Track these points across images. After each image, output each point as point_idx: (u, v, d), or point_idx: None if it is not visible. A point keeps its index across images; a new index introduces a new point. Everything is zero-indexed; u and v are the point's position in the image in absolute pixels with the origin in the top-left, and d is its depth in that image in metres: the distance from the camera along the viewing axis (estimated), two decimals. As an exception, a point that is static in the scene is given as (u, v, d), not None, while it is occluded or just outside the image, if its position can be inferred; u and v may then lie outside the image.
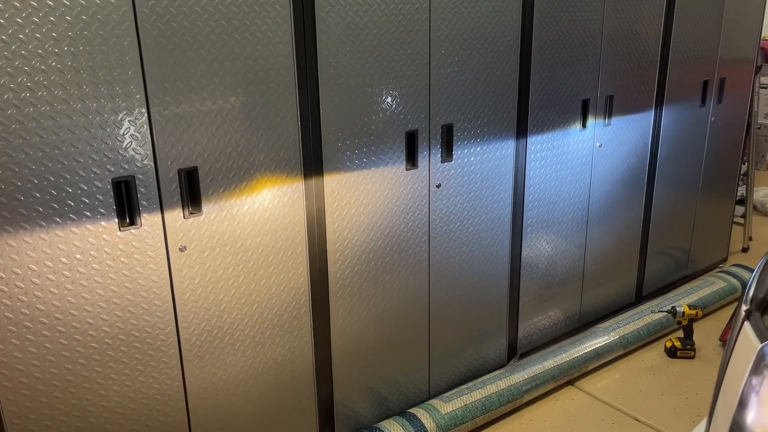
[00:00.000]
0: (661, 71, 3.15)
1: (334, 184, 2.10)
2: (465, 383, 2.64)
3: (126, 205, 1.71)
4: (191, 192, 1.81)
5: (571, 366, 2.80)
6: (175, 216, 1.80)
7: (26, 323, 1.62)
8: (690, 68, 3.29)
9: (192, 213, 1.82)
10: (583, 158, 2.92)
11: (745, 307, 1.43)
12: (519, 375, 2.66)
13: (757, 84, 4.04)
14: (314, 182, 2.06)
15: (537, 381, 2.68)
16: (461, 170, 2.45)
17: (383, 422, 2.38)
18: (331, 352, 2.25)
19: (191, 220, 1.83)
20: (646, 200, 3.33)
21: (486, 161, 2.52)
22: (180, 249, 1.82)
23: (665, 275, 3.62)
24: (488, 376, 2.66)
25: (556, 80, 2.68)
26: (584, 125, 2.87)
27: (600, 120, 2.93)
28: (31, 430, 1.69)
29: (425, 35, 2.20)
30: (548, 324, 3.03)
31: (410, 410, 2.45)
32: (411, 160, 2.29)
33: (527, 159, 2.67)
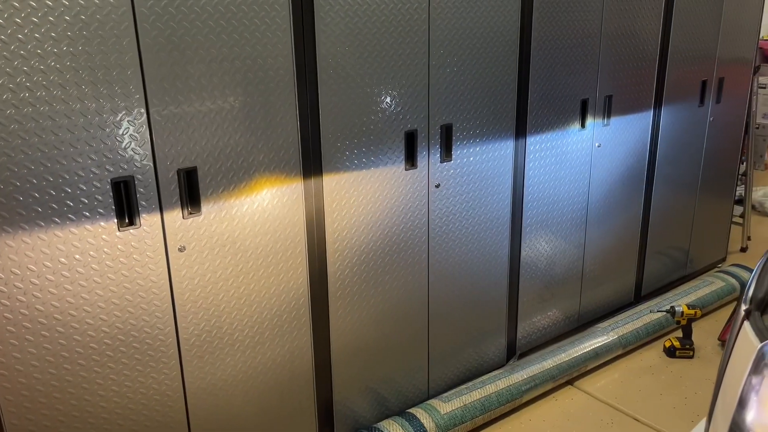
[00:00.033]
0: (660, 71, 3.16)
1: (334, 184, 2.10)
2: (464, 383, 2.64)
3: (125, 206, 1.71)
4: (190, 192, 1.81)
5: (570, 366, 2.80)
6: (175, 216, 1.80)
7: (25, 323, 1.62)
8: (689, 68, 3.30)
9: (191, 213, 1.82)
10: (582, 158, 2.92)
11: (745, 307, 1.43)
12: (518, 375, 2.66)
13: (756, 84, 4.05)
14: (313, 182, 2.06)
15: (536, 381, 2.68)
16: (460, 170, 2.45)
17: (382, 422, 2.38)
18: (331, 353, 2.25)
19: (190, 221, 1.83)
20: (645, 200, 3.33)
21: (485, 161, 2.52)
22: (179, 249, 1.82)
23: (664, 275, 3.62)
24: (487, 376, 2.66)
25: (555, 80, 2.68)
26: (583, 125, 2.87)
27: (599, 120, 2.94)
28: (30, 431, 1.69)
29: (424, 35, 2.20)
30: (547, 324, 3.03)
31: (409, 410, 2.45)
32: (410, 160, 2.29)
33: (526, 159, 2.67)
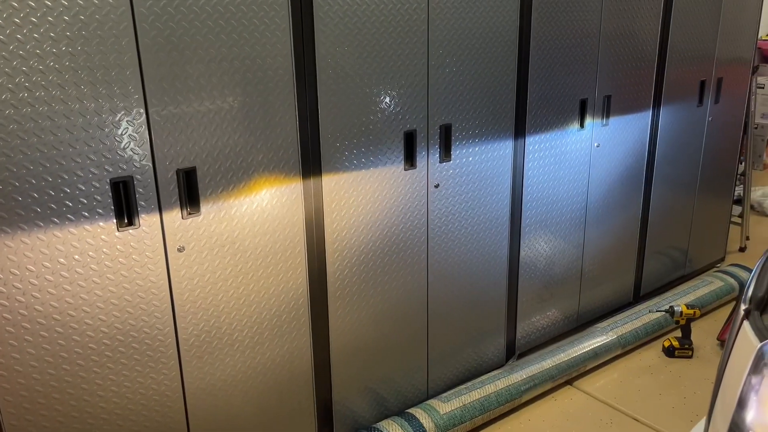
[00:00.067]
0: (659, 71, 3.16)
1: (333, 184, 2.10)
2: (463, 383, 2.64)
3: (124, 206, 1.70)
4: (189, 192, 1.81)
5: (570, 366, 2.80)
6: (174, 216, 1.79)
7: (24, 324, 1.62)
8: (687, 68, 3.30)
9: (190, 213, 1.82)
10: (581, 158, 2.92)
11: (744, 306, 1.43)
12: (517, 375, 2.66)
13: (754, 84, 4.05)
14: (313, 182, 2.06)
15: (535, 381, 2.68)
16: (459, 170, 2.45)
17: (382, 422, 2.38)
18: (330, 353, 2.25)
19: (190, 221, 1.83)
20: (644, 200, 3.34)
21: (484, 161, 2.52)
22: (178, 249, 1.82)
23: (663, 275, 3.63)
24: (487, 376, 2.66)
25: (554, 80, 2.68)
26: (582, 125, 2.87)
27: (598, 120, 2.94)
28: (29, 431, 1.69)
29: (423, 35, 2.20)
30: (546, 324, 3.03)
31: (409, 410, 2.45)
32: (409, 160, 2.29)
33: (525, 159, 2.67)
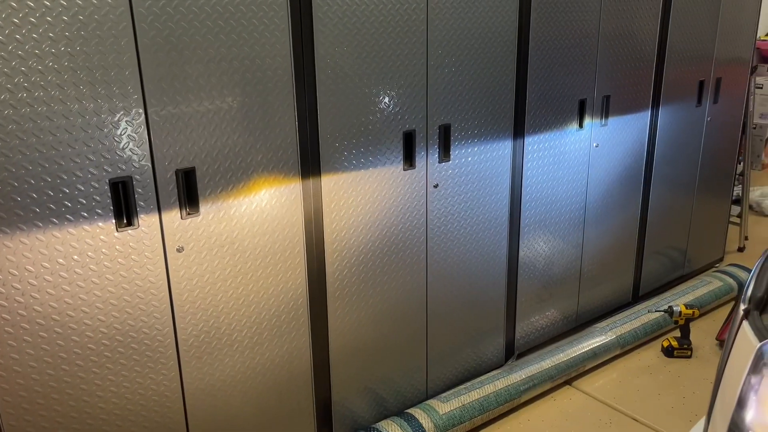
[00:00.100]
0: (658, 71, 3.16)
1: (332, 185, 2.10)
2: (463, 383, 2.64)
3: (123, 206, 1.70)
4: (189, 192, 1.81)
5: (569, 366, 2.80)
6: (173, 216, 1.79)
7: (23, 324, 1.62)
8: (686, 68, 3.30)
9: (189, 213, 1.82)
10: (580, 158, 2.93)
11: (744, 306, 1.44)
12: (516, 375, 2.66)
13: (753, 84, 4.05)
14: (312, 182, 2.05)
15: (534, 381, 2.69)
16: (459, 170, 2.45)
17: (381, 422, 2.38)
18: (329, 353, 2.25)
19: (189, 221, 1.83)
20: (643, 200, 3.34)
21: (483, 161, 2.52)
22: (177, 250, 1.82)
23: (662, 275, 3.63)
24: (486, 376, 2.66)
25: (553, 80, 2.68)
26: (581, 125, 2.87)
27: (597, 120, 2.94)
28: (29, 432, 1.69)
29: (422, 35, 2.20)
30: (545, 324, 3.03)
31: (408, 410, 2.45)
32: (408, 161, 2.29)
33: (524, 159, 2.68)
